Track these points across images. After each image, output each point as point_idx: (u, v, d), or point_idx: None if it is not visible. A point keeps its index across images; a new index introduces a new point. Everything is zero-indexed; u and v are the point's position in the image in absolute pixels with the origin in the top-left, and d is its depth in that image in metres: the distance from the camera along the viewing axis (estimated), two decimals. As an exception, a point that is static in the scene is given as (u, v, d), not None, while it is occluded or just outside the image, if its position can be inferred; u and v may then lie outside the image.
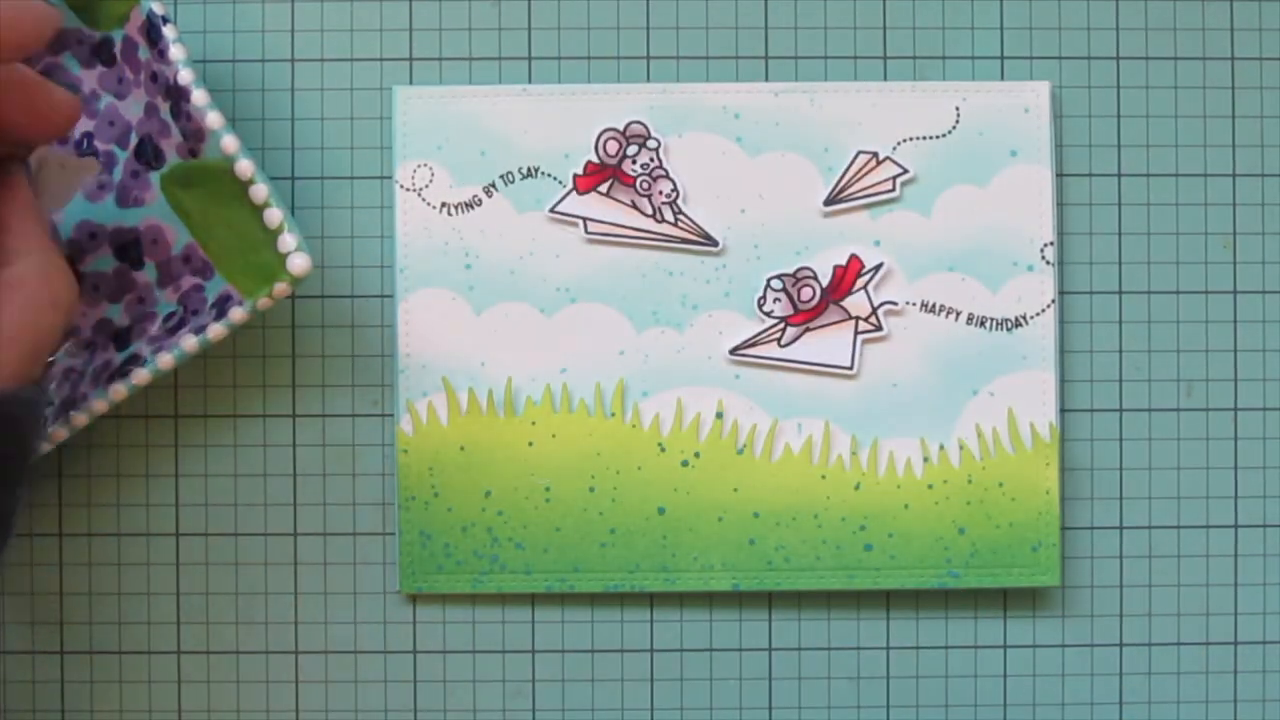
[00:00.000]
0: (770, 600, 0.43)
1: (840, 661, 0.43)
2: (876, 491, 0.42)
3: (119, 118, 0.41)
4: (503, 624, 0.43)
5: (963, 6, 0.43)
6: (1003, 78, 0.43)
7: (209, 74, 0.43)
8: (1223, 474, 0.43)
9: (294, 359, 0.43)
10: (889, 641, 0.43)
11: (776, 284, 0.42)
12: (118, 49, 0.40)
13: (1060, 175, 0.43)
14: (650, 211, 0.42)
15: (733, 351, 0.42)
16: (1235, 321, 0.43)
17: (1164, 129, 0.43)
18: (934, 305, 0.42)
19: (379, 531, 0.43)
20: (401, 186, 0.42)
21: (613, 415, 0.42)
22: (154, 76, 0.40)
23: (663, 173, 0.42)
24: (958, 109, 0.42)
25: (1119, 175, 0.43)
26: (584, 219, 0.42)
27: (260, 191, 0.38)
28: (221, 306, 0.40)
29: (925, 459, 0.42)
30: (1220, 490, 0.43)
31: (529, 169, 0.42)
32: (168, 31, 0.38)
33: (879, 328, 0.42)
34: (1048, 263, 0.42)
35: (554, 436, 0.42)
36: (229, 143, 0.38)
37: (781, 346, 0.42)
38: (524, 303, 0.42)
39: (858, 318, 0.42)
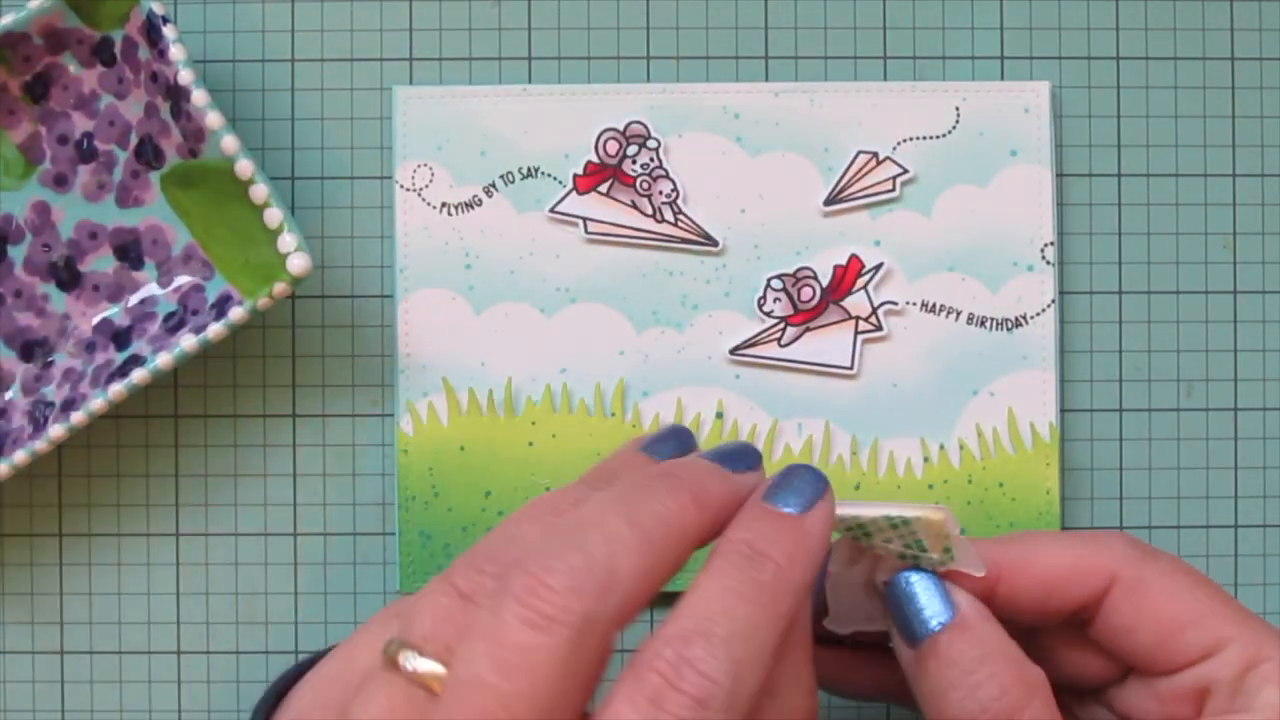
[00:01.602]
0: (770, 600, 0.43)
1: (840, 661, 0.43)
2: (877, 492, 0.42)
3: (119, 118, 0.41)
4: (503, 624, 0.43)
5: (963, 6, 0.43)
6: (1003, 78, 0.43)
7: (209, 74, 0.43)
8: (1223, 474, 0.43)
9: (294, 359, 0.43)
10: (889, 641, 0.43)
11: (776, 284, 0.42)
12: (118, 49, 0.40)
13: (1060, 175, 0.43)
14: (650, 211, 0.42)
15: (733, 351, 0.42)
16: (1235, 321, 0.43)
17: (1164, 129, 0.43)
18: (934, 305, 0.42)
19: (379, 531, 0.43)
20: (401, 186, 0.42)
21: (613, 415, 0.42)
22: (154, 76, 0.40)
23: (663, 173, 0.42)
24: (958, 109, 0.42)
25: (1119, 175, 0.43)
26: (584, 219, 0.42)
27: (260, 191, 0.38)
28: (221, 306, 0.40)
29: (925, 459, 0.42)
30: (1220, 490, 0.43)
31: (529, 169, 0.42)
32: (168, 31, 0.38)
33: (879, 328, 0.42)
34: (1048, 263, 0.42)
35: (554, 436, 0.42)
36: (229, 143, 0.38)
37: (781, 346, 0.42)
38: (524, 303, 0.42)
39: (858, 318, 0.42)
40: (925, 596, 0.31)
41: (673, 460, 0.31)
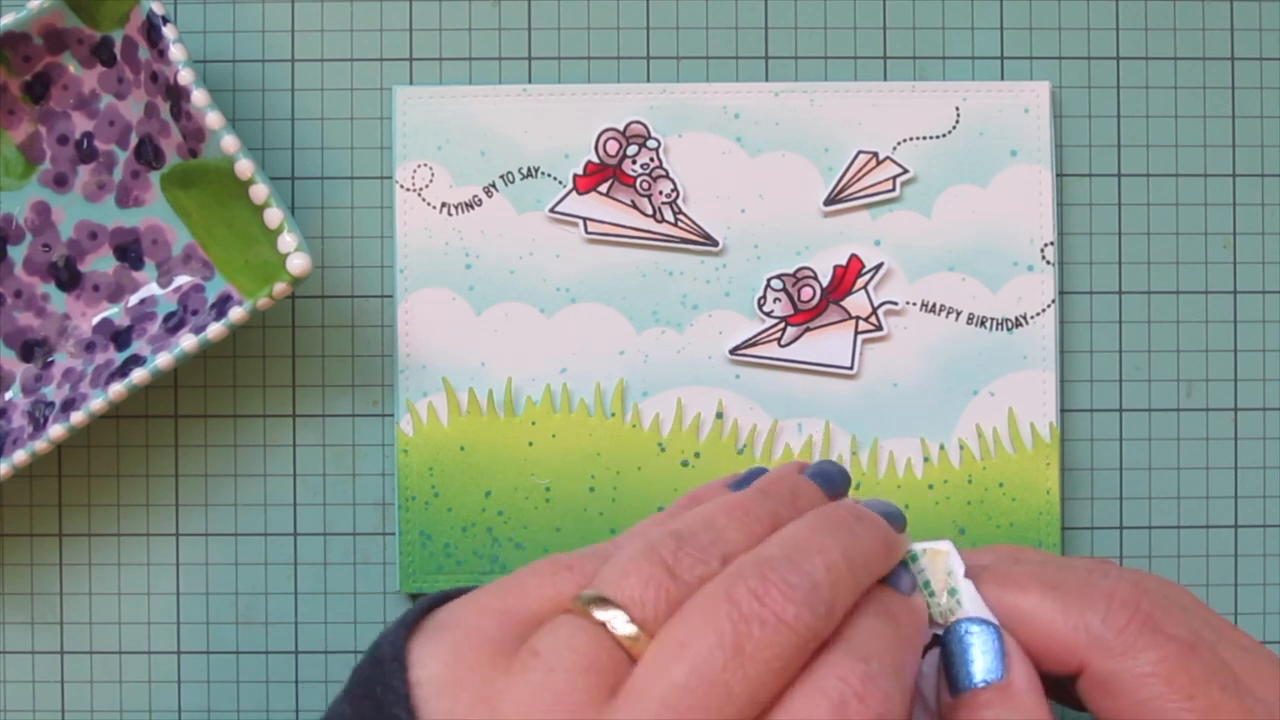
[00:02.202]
0: (770, 600, 0.43)
1: (840, 661, 0.43)
2: (877, 492, 0.42)
3: (119, 118, 0.41)
4: (503, 624, 0.43)
5: (963, 6, 0.43)
6: (1003, 78, 0.43)
7: (209, 74, 0.43)
8: (1223, 474, 0.43)
9: (294, 359, 0.43)
10: (889, 641, 0.43)
11: (776, 284, 0.42)
12: (118, 49, 0.40)
13: (1060, 175, 0.43)
14: (650, 211, 0.42)
15: (733, 351, 0.42)
16: (1235, 321, 0.43)
17: (1164, 129, 0.43)
18: (934, 305, 0.42)
19: (379, 531, 0.43)
20: (401, 186, 0.42)
21: (613, 415, 0.42)
22: (154, 76, 0.40)
23: (663, 173, 0.42)
24: (958, 109, 0.42)
25: (1119, 175, 0.43)
26: (584, 219, 0.42)
27: (260, 191, 0.38)
28: (221, 306, 0.40)
29: (925, 459, 0.42)
30: (1220, 490, 0.43)
31: (529, 169, 0.42)
32: (168, 31, 0.38)
33: (879, 328, 0.42)
34: (1048, 263, 0.42)
35: (554, 436, 0.42)
36: (229, 143, 0.38)
37: (781, 346, 0.42)
38: (524, 303, 0.42)
39: (858, 318, 0.42)
40: (980, 648, 0.30)
41: (855, 503, 0.31)
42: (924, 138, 0.42)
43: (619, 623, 0.26)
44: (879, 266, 0.42)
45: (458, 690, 0.26)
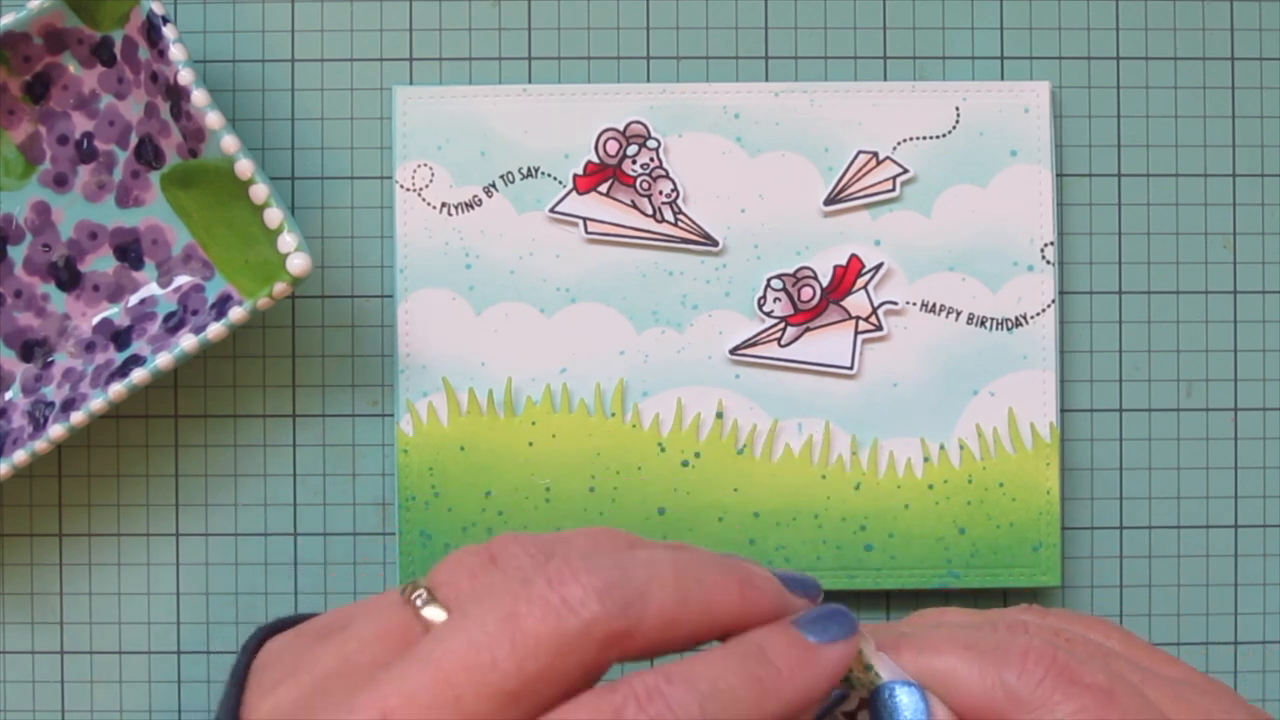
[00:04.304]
0: (770, 600, 0.43)
1: (840, 661, 0.43)
2: (877, 491, 0.42)
3: (119, 118, 0.41)
4: (503, 624, 0.43)
5: (963, 6, 0.43)
6: (1003, 78, 0.43)
7: (209, 74, 0.43)
8: (1223, 474, 0.43)
9: (294, 359, 0.43)
10: (889, 641, 0.43)
11: (776, 284, 0.42)
12: (118, 49, 0.40)
13: (1060, 175, 0.43)
14: (650, 211, 0.42)
15: (733, 351, 0.42)
16: (1235, 321, 0.43)
17: (1164, 129, 0.43)
18: (934, 305, 0.42)
19: (379, 531, 0.43)
20: (401, 186, 0.42)
21: (613, 415, 0.42)
22: (154, 76, 0.40)
23: (663, 173, 0.42)
24: (958, 109, 0.42)
25: (1119, 175, 0.43)
26: (584, 219, 0.42)
27: (260, 191, 0.38)
28: (221, 306, 0.40)
29: (925, 459, 0.42)
30: (1220, 490, 0.43)
31: (529, 169, 0.42)
32: (168, 31, 0.38)
33: (879, 328, 0.42)
34: (1048, 263, 0.42)
35: (554, 436, 0.42)
36: (229, 143, 0.38)
37: (781, 346, 0.42)
38: (524, 303, 0.42)
39: (858, 317, 0.42)
40: (908, 708, 0.29)
41: (746, 561, 0.31)
42: (924, 138, 0.42)
43: (423, 600, 0.27)
44: (879, 266, 0.42)
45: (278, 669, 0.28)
